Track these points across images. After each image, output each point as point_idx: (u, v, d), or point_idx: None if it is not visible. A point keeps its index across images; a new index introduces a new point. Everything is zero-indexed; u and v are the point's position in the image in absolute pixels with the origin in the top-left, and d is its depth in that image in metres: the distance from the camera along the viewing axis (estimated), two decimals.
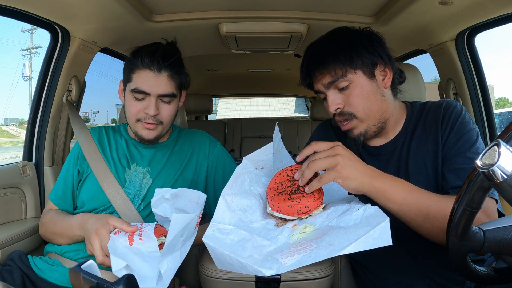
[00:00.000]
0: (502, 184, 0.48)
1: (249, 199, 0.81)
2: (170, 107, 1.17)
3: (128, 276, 0.64)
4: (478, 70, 1.67)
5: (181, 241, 0.90)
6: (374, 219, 0.66)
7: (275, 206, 0.77)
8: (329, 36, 1.00)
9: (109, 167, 1.20)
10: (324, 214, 0.75)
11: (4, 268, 1.06)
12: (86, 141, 1.26)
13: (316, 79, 0.98)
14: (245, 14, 1.53)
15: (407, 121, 1.03)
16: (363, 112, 0.95)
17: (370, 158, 1.05)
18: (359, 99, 0.94)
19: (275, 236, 0.73)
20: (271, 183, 0.82)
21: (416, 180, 0.94)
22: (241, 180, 0.82)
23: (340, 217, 0.72)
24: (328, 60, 0.93)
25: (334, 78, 0.94)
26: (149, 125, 1.15)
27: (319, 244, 0.64)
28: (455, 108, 0.96)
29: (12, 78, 50.85)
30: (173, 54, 1.14)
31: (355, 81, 0.94)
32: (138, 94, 1.12)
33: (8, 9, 1.26)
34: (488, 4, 1.28)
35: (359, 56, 0.93)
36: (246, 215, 0.79)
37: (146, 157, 1.23)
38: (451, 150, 0.92)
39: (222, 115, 13.36)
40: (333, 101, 0.96)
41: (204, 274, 1.05)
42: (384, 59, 0.96)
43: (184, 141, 1.30)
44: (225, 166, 1.28)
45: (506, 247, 0.58)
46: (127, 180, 1.19)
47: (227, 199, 0.78)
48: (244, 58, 2.61)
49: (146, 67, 1.11)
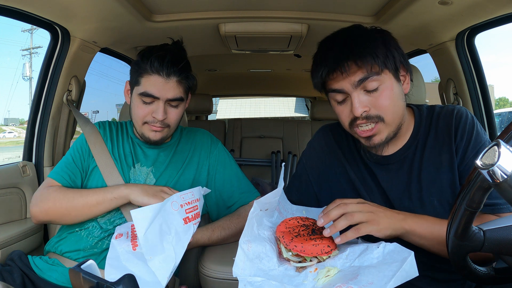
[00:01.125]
0: (502, 184, 0.48)
1: (263, 245, 0.81)
2: (178, 110, 1.17)
3: (128, 276, 0.64)
4: (478, 70, 1.67)
5: (170, 239, 0.90)
6: (399, 254, 0.70)
7: (298, 247, 0.77)
8: (357, 30, 0.91)
9: (116, 164, 1.20)
10: (342, 256, 0.78)
11: (4, 268, 1.06)
12: (92, 134, 1.25)
13: (345, 74, 0.86)
14: (245, 14, 1.53)
15: (416, 128, 0.98)
16: (391, 116, 0.89)
17: (379, 167, 0.99)
18: (389, 101, 0.88)
19: (301, 282, 0.74)
20: (281, 227, 0.83)
21: (429, 192, 0.92)
22: (251, 224, 0.82)
23: (361, 257, 0.75)
24: (366, 54, 0.84)
25: (366, 75, 0.85)
26: (156, 128, 1.15)
27: (360, 284, 0.66)
28: (467, 118, 0.93)
29: (12, 78, 50.79)
30: (181, 59, 1.14)
31: (386, 82, 0.87)
32: (146, 98, 1.12)
33: (8, 9, 1.26)
34: (488, 4, 1.28)
35: (393, 56, 0.87)
36: (263, 262, 0.79)
37: (150, 157, 1.24)
38: (472, 165, 0.88)
39: (222, 115, 13.35)
40: (360, 103, 0.87)
41: (204, 274, 1.05)
42: (405, 63, 0.92)
43: (186, 140, 1.30)
44: (225, 166, 1.28)
45: (506, 247, 0.58)
46: (132, 179, 1.19)
47: (244, 248, 0.78)
48: (244, 58, 2.61)
49: (155, 72, 1.11)
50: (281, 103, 15.28)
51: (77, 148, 1.24)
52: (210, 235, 1.13)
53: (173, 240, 0.90)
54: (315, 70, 0.91)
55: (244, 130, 3.19)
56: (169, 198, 0.93)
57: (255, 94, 5.53)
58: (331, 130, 1.12)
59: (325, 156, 1.09)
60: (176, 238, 0.91)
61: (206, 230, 1.13)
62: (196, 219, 0.96)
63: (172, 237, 0.90)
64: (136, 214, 0.87)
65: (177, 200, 0.94)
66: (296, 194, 1.12)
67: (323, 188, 1.08)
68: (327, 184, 1.07)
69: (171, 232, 0.90)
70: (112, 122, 1.33)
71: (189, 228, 0.93)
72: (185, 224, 0.92)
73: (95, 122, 1.33)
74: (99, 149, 1.21)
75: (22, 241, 1.36)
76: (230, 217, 1.21)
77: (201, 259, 1.09)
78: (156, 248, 0.88)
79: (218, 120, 4.23)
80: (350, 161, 1.04)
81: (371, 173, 1.00)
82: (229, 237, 1.17)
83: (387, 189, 0.97)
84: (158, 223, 0.89)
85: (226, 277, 1.02)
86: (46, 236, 1.56)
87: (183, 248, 0.91)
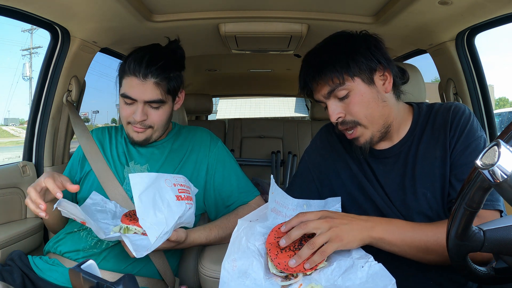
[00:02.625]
0: (502, 184, 0.48)
1: (249, 259, 0.80)
2: (160, 112, 1.16)
3: (128, 276, 0.64)
4: (478, 70, 1.67)
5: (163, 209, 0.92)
6: (381, 279, 0.71)
7: (281, 264, 0.77)
8: (325, 44, 0.98)
9: (109, 165, 1.21)
10: (328, 270, 0.78)
11: (4, 268, 1.06)
12: (88, 144, 1.27)
13: (314, 90, 0.97)
14: (245, 14, 1.53)
15: (414, 123, 1.01)
16: (365, 119, 0.94)
17: (375, 161, 1.03)
18: (359, 107, 0.93)
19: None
20: (270, 237, 0.82)
21: (422, 185, 0.94)
22: (238, 241, 0.81)
23: (345, 275, 0.75)
24: (325, 70, 0.92)
25: (332, 88, 0.92)
26: (137, 128, 1.16)
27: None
28: (464, 113, 0.95)
29: (12, 78, 50.78)
30: (160, 59, 1.12)
31: (354, 89, 0.92)
32: (127, 99, 1.14)
33: (8, 9, 1.26)
34: (488, 4, 1.28)
35: (356, 63, 0.91)
36: (249, 279, 0.78)
37: (144, 155, 1.24)
38: (459, 159, 0.92)
39: (222, 115, 13.36)
40: (333, 111, 0.94)
41: (204, 274, 1.05)
42: (382, 63, 0.94)
43: (184, 138, 1.30)
44: (225, 164, 1.27)
45: (506, 247, 0.58)
46: (126, 177, 1.19)
47: (227, 269, 0.77)
48: (244, 58, 2.61)
49: (131, 73, 1.11)
50: (281, 103, 15.29)
51: (73, 157, 1.28)
52: (208, 234, 1.13)
53: (165, 210, 0.93)
54: (299, 85, 1.01)
55: (244, 130, 3.19)
56: (162, 174, 0.96)
57: (255, 94, 5.53)
58: (333, 128, 1.13)
59: (327, 153, 1.11)
60: (168, 209, 0.93)
61: (204, 230, 1.13)
62: (188, 200, 0.97)
63: (165, 208, 0.93)
64: (134, 177, 0.92)
65: (170, 179, 0.97)
66: (298, 191, 1.13)
67: (324, 184, 1.10)
68: (329, 181, 1.08)
69: (163, 204, 0.93)
70: (110, 127, 1.36)
71: (181, 204, 0.94)
72: (177, 200, 0.94)
73: (94, 129, 1.36)
74: (94, 155, 1.23)
75: (22, 241, 1.36)
76: (229, 216, 1.21)
77: (201, 259, 1.09)
78: (149, 213, 0.91)
79: (218, 120, 4.23)
80: (352, 155, 1.06)
81: (370, 167, 1.03)
82: (228, 237, 1.16)
83: (384, 182, 1.00)
84: (152, 192, 0.92)
85: None
86: (46, 236, 1.56)
87: (174, 220, 0.92)
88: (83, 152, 1.26)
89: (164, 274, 1.12)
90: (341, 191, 1.05)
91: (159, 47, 1.20)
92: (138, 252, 0.86)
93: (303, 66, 0.99)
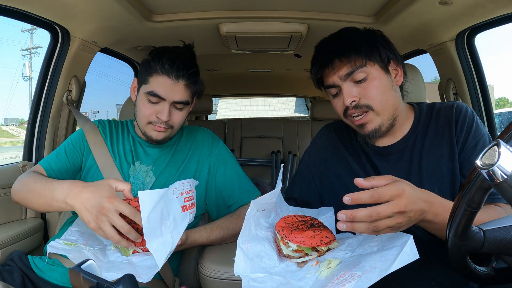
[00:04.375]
0: (502, 184, 0.48)
1: (262, 244, 0.81)
2: (182, 113, 1.18)
3: (128, 276, 0.64)
4: (478, 70, 1.67)
5: (168, 224, 0.91)
6: (398, 239, 0.71)
7: (297, 237, 0.77)
8: (345, 32, 1.01)
9: (114, 161, 1.20)
10: (341, 247, 0.80)
11: (4, 268, 1.06)
12: (92, 132, 1.25)
13: (332, 70, 0.96)
14: (245, 14, 1.53)
15: (416, 121, 1.03)
16: (380, 105, 0.95)
17: (379, 158, 1.03)
18: (376, 91, 0.94)
19: (304, 276, 0.75)
20: (280, 222, 0.84)
21: (429, 181, 0.95)
22: (249, 224, 0.82)
23: (360, 247, 0.76)
24: (349, 50, 0.94)
25: (353, 69, 0.94)
26: (160, 128, 1.16)
27: (363, 270, 0.67)
28: (467, 111, 0.98)
29: (12, 78, 50.84)
30: (192, 64, 1.16)
31: (373, 73, 0.95)
32: (153, 98, 1.13)
33: (8, 9, 1.26)
34: (488, 4, 1.28)
35: (378, 50, 0.95)
36: (264, 261, 0.79)
37: (151, 156, 1.24)
38: (471, 155, 0.94)
39: (222, 115, 13.35)
40: (348, 93, 0.95)
41: (204, 274, 1.05)
42: (397, 57, 0.99)
43: (186, 138, 1.30)
44: (226, 165, 1.27)
45: (506, 247, 0.58)
46: (131, 176, 1.20)
47: (243, 248, 0.78)
48: (244, 58, 2.61)
49: (164, 73, 1.12)
50: (281, 103, 15.28)
51: (72, 142, 1.24)
52: (209, 234, 1.13)
53: (171, 225, 0.92)
54: (311, 70, 1.02)
55: (244, 130, 3.19)
56: (171, 185, 0.94)
57: (255, 94, 5.53)
58: (334, 128, 1.16)
59: (328, 153, 1.12)
60: (174, 224, 0.92)
61: (205, 230, 1.13)
62: (192, 208, 0.97)
63: (170, 222, 0.92)
64: (143, 196, 0.86)
65: (178, 187, 0.95)
66: (298, 191, 1.13)
67: (324, 184, 1.10)
68: (329, 180, 1.09)
69: (169, 218, 0.92)
70: (113, 121, 1.34)
71: (185, 216, 0.94)
72: (182, 212, 0.94)
73: (95, 120, 1.33)
74: (99, 147, 1.21)
75: (22, 241, 1.36)
76: (230, 217, 1.21)
77: (201, 259, 1.09)
78: (156, 232, 0.90)
79: (218, 120, 4.23)
80: (353, 153, 1.07)
81: (372, 164, 1.03)
82: (228, 237, 1.17)
83: None
84: (160, 207, 0.90)
85: (226, 277, 1.02)
86: (46, 236, 1.56)
87: (179, 235, 0.92)
88: (87, 143, 1.23)
89: (164, 274, 1.12)
90: (342, 191, 1.04)
91: (184, 51, 1.21)
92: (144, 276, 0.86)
93: (322, 47, 1.00)
